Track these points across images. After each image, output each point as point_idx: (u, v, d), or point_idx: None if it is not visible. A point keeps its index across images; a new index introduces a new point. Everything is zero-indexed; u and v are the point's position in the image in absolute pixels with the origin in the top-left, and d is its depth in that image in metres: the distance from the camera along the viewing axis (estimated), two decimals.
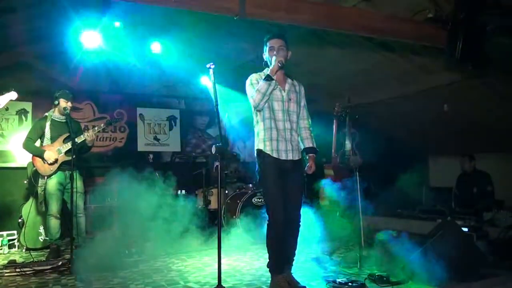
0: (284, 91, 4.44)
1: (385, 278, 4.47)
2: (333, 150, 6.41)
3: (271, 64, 4.33)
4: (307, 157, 4.54)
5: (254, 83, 4.37)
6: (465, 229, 5.62)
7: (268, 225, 4.26)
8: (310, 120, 4.69)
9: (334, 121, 6.33)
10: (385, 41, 6.49)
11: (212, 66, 4.33)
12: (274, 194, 4.22)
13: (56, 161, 5.96)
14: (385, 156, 8.19)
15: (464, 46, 4.91)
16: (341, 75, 8.19)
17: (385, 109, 8.85)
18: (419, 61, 7.01)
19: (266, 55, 4.52)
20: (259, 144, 4.38)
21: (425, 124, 8.79)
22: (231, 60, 8.73)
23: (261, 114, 4.38)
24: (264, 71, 4.42)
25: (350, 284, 4.34)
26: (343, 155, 6.26)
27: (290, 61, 7.54)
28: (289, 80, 4.55)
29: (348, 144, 6.19)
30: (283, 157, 4.31)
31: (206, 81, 8.56)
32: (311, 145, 4.56)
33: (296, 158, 4.41)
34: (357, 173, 5.67)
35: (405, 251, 4.98)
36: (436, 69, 7.03)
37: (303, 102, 4.64)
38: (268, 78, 4.23)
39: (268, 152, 4.29)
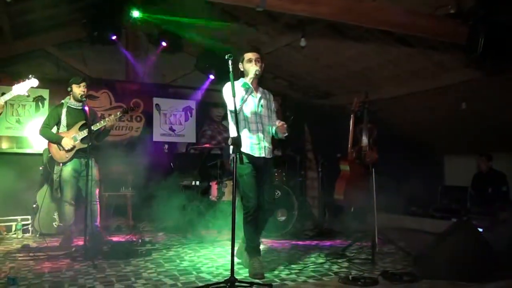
0: (257, 97, 4.89)
1: (398, 276, 4.44)
2: (349, 146, 6.36)
3: (247, 73, 4.80)
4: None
5: (229, 92, 4.67)
6: (480, 229, 5.57)
7: (245, 212, 4.71)
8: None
9: (351, 116, 6.28)
10: (404, 36, 6.44)
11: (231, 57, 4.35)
12: (249, 186, 4.68)
13: (73, 148, 5.97)
14: (400, 153, 8.13)
15: (485, 43, 4.84)
16: (359, 70, 8.14)
17: (402, 106, 8.78)
18: (438, 57, 6.94)
19: (242, 66, 4.87)
20: None
21: (442, 121, 8.71)
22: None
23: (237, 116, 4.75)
24: (241, 79, 4.89)
25: (362, 280, 4.31)
26: (360, 150, 6.21)
27: (308, 56, 7.55)
28: (260, 89, 5.01)
29: (365, 140, 6.13)
30: (256, 154, 4.76)
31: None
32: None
33: (268, 156, 4.86)
34: (373, 169, 5.62)
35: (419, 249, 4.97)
36: (454, 65, 6.95)
37: (273, 108, 5.14)
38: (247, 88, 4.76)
39: (243, 150, 4.67)
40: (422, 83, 7.77)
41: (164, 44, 8.54)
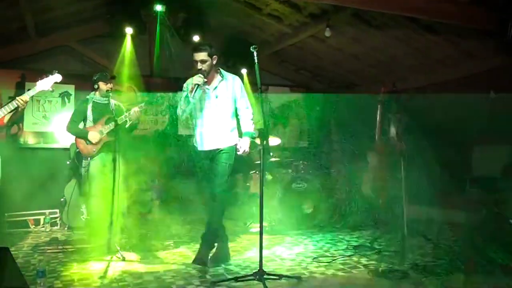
0: (211, 88, 4.80)
1: (429, 268, 4.37)
2: (376, 136, 6.27)
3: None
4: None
5: (184, 90, 4.83)
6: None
7: None
8: (250, 108, 4.97)
9: (378, 106, 6.18)
10: (430, 24, 6.32)
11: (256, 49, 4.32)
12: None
13: (100, 141, 6.00)
14: (427, 144, 8.01)
15: None
16: (384, 59, 8.03)
17: (428, 95, 8.64)
18: (465, 45, 6.80)
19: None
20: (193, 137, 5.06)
21: (470, 111, 8.54)
22: (271, 45, 8.69)
23: (193, 111, 4.90)
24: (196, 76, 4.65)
25: (392, 273, 4.26)
26: (388, 141, 6.12)
27: (333, 46, 7.45)
28: (218, 77, 4.85)
29: (392, 130, 6.04)
30: (207, 147, 4.85)
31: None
32: (247, 130, 4.88)
33: (222, 146, 4.80)
34: (402, 160, 5.53)
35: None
36: (483, 53, 6.81)
37: (239, 95, 4.91)
38: (186, 100, 4.70)
39: (194, 144, 4.97)
40: (449, 71, 7.63)
41: (197, 38, 8.50)
